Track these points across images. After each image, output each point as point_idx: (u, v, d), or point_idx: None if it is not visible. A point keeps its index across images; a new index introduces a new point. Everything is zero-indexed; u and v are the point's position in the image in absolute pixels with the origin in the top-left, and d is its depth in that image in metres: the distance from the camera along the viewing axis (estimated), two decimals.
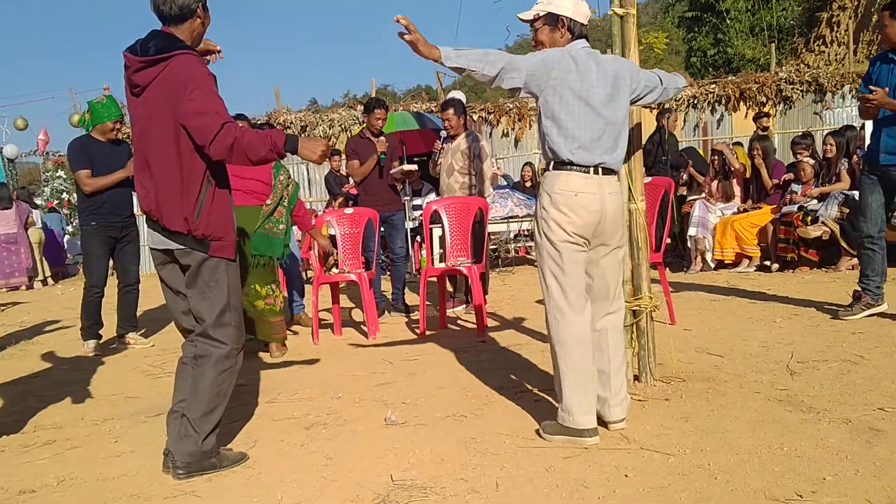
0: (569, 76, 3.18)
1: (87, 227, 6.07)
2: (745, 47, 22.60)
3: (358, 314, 7.28)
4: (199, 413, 3.09)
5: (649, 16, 39.51)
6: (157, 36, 3.04)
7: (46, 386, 5.15)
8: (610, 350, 3.38)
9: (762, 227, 8.14)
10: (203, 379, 3.11)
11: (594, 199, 3.21)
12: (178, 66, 2.97)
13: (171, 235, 3.07)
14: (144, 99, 3.05)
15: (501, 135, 14.78)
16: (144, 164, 3.10)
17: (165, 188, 3.04)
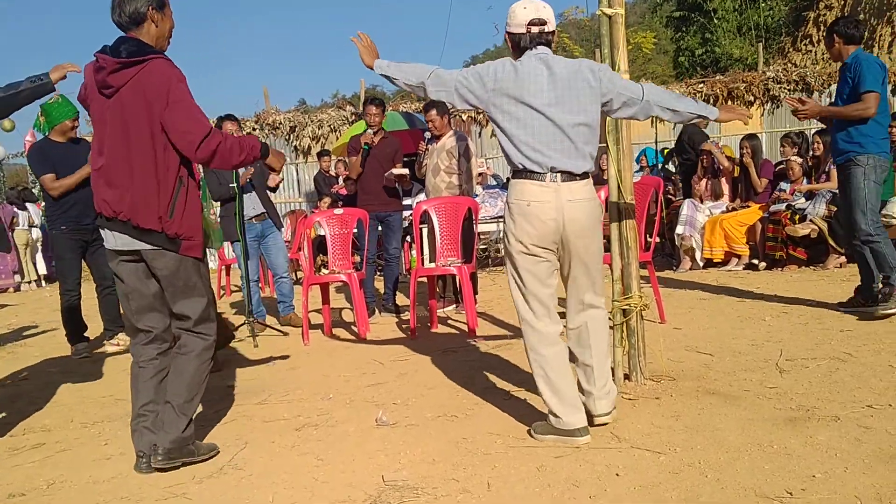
0: (507, 84, 3.18)
1: (56, 232, 6.02)
2: (732, 47, 22.69)
3: (348, 314, 7.27)
4: (183, 399, 3.20)
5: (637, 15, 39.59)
6: (126, 41, 3.13)
7: (35, 388, 5.13)
8: (591, 343, 3.37)
9: (751, 225, 8.18)
10: (188, 368, 3.23)
11: (548, 207, 3.16)
12: (154, 72, 3.08)
13: (142, 235, 3.12)
14: (117, 100, 3.09)
15: (490, 135, 14.79)
16: (116, 164, 3.11)
17: (141, 188, 3.09)
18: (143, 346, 3.29)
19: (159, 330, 3.30)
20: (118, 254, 3.21)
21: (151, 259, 3.17)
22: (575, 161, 3.20)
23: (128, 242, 3.15)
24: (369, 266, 6.97)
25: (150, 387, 3.25)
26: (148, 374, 3.27)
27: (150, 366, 3.28)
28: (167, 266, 3.18)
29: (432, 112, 6.83)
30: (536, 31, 3.22)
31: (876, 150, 5.17)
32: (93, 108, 3.20)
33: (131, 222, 3.11)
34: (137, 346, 3.30)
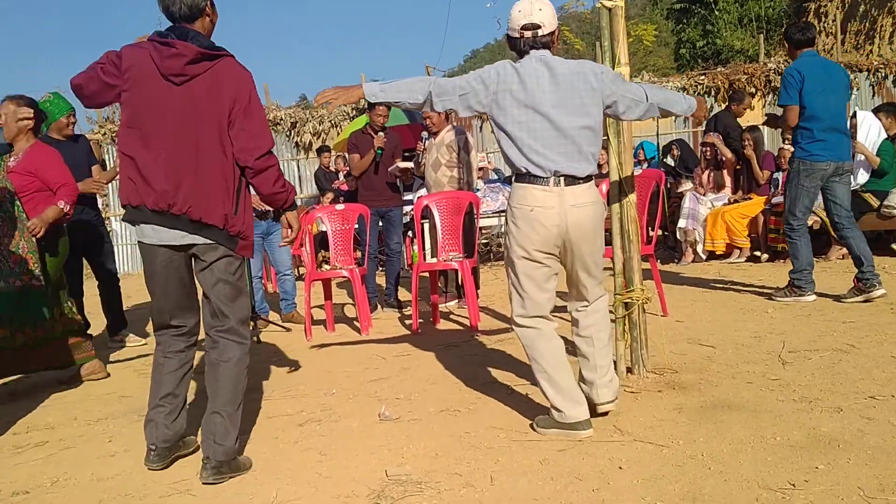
0: (510, 86, 3.17)
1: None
2: (733, 38, 22.64)
3: (351, 310, 7.28)
4: (234, 408, 3.12)
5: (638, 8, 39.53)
6: (191, 32, 3.03)
7: (39, 386, 5.13)
8: (592, 334, 3.40)
9: (752, 217, 8.17)
10: (232, 375, 3.14)
11: (551, 213, 3.15)
12: (232, 70, 3.05)
13: (199, 229, 3.04)
14: (188, 91, 3.00)
15: (491, 129, 14.78)
16: (176, 156, 3.00)
17: (208, 182, 3.02)
18: (173, 338, 3.22)
19: (191, 325, 3.25)
20: (159, 248, 3.09)
21: (203, 252, 3.10)
22: (578, 164, 3.18)
23: (176, 237, 3.06)
24: (371, 262, 6.97)
25: (172, 378, 3.19)
26: (173, 365, 3.20)
27: (177, 357, 3.21)
28: (220, 262, 3.12)
29: None
30: (530, 36, 3.20)
31: (801, 155, 5.60)
32: (141, 93, 3.01)
33: (188, 216, 3.01)
34: (166, 336, 3.22)
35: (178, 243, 3.07)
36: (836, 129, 5.58)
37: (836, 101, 5.61)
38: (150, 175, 3.01)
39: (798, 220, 5.73)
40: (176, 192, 3.00)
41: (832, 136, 5.54)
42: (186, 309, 3.22)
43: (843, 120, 5.73)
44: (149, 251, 3.12)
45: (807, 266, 5.73)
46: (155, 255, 3.11)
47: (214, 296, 3.14)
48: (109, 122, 14.61)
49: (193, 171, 3.01)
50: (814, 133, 5.53)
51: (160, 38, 3.00)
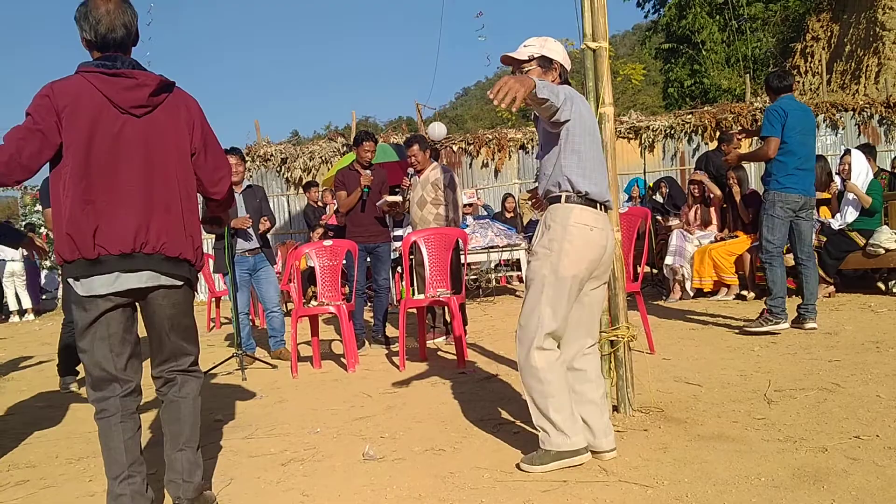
0: (582, 112, 3.28)
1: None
2: (720, 78, 22.95)
3: (338, 346, 7.24)
4: (196, 444, 3.05)
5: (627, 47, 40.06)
6: (134, 61, 2.87)
7: (21, 423, 5.07)
8: (596, 377, 3.44)
9: (740, 255, 8.21)
10: (192, 410, 3.06)
11: (604, 234, 3.30)
12: (186, 99, 2.98)
13: (171, 268, 2.88)
14: (150, 122, 2.84)
15: (481, 165, 14.87)
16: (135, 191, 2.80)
17: (177, 215, 2.91)
18: (123, 399, 2.87)
19: (138, 381, 2.94)
20: (114, 296, 2.80)
21: (162, 298, 2.90)
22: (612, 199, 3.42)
23: (143, 279, 2.83)
24: (359, 298, 6.96)
25: (135, 444, 2.88)
26: (131, 427, 2.87)
27: (132, 420, 2.89)
28: (179, 302, 2.96)
29: (414, 147, 6.93)
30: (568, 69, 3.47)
31: (775, 187, 5.97)
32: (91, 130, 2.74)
33: (163, 254, 2.84)
34: (115, 398, 2.85)
35: (145, 286, 2.85)
36: (808, 167, 6.03)
37: (810, 141, 6.07)
38: (116, 214, 2.77)
39: (774, 247, 6.03)
40: (148, 228, 2.82)
41: (803, 173, 5.97)
42: (134, 358, 2.93)
43: (813, 160, 6.15)
44: (97, 304, 2.80)
45: (782, 294, 6.00)
46: (101, 304, 2.80)
47: (175, 336, 2.99)
48: None
49: (164, 205, 2.86)
50: (788, 167, 5.93)
51: (105, 70, 2.77)
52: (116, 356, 2.86)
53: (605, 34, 3.88)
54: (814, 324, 6.05)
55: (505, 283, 11.85)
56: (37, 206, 16.67)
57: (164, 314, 2.94)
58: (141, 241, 2.80)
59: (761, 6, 23.62)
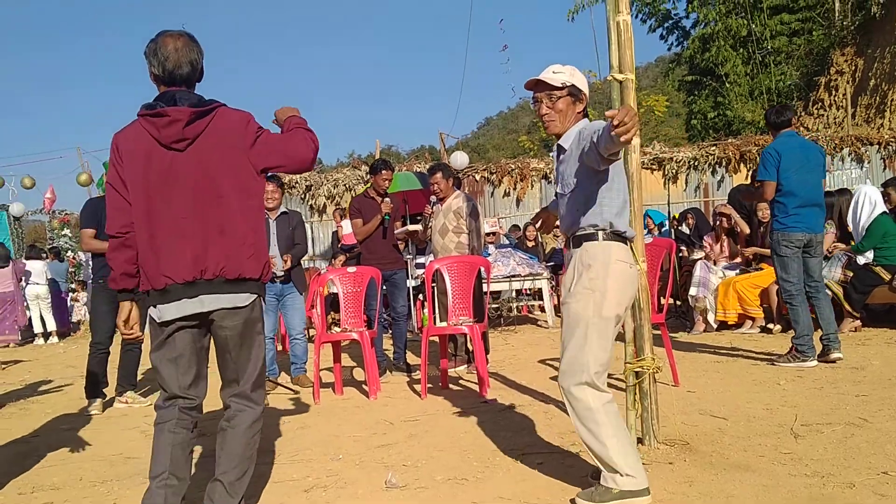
0: None
1: (95, 284, 6.08)
2: (744, 110, 22.90)
3: (359, 373, 7.25)
4: (234, 477, 2.97)
5: (650, 79, 40.15)
6: (175, 94, 2.95)
7: (46, 446, 5.11)
8: None
9: (765, 288, 8.15)
10: (238, 441, 3.01)
11: (636, 270, 3.30)
12: (227, 117, 2.99)
13: (234, 287, 2.95)
14: (195, 152, 2.92)
15: (503, 194, 14.92)
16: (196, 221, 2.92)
17: (236, 237, 2.95)
18: (182, 411, 3.00)
19: (201, 399, 3.06)
20: (180, 320, 2.93)
21: (222, 319, 2.96)
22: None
23: (207, 303, 2.92)
24: (380, 325, 6.96)
25: (181, 455, 2.97)
26: (181, 439, 2.97)
27: (184, 432, 2.99)
28: (240, 324, 2.98)
29: (438, 175, 6.97)
30: None
31: (778, 227, 6.10)
32: (143, 170, 2.92)
33: (224, 277, 2.92)
34: (173, 408, 2.99)
35: (206, 309, 2.94)
36: (811, 204, 6.05)
37: (813, 178, 6.07)
38: (175, 246, 2.91)
39: (792, 285, 6.09)
40: (205, 256, 2.91)
41: (805, 211, 6.01)
42: (199, 378, 3.05)
43: (818, 195, 6.17)
44: (166, 328, 2.96)
45: (807, 332, 6.04)
46: (172, 330, 2.95)
47: (236, 356, 3.03)
48: None
49: (219, 230, 2.93)
50: (788, 208, 6.03)
51: (149, 111, 2.92)
52: (182, 375, 2.99)
53: (632, 66, 3.90)
54: (839, 353, 6.03)
55: (527, 312, 11.82)
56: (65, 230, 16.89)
57: (226, 335, 3.00)
58: (200, 268, 2.91)
59: (785, 39, 23.61)
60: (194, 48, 3.02)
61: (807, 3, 23.37)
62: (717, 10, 23.87)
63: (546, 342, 8.68)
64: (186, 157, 2.93)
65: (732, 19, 23.59)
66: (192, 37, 3.05)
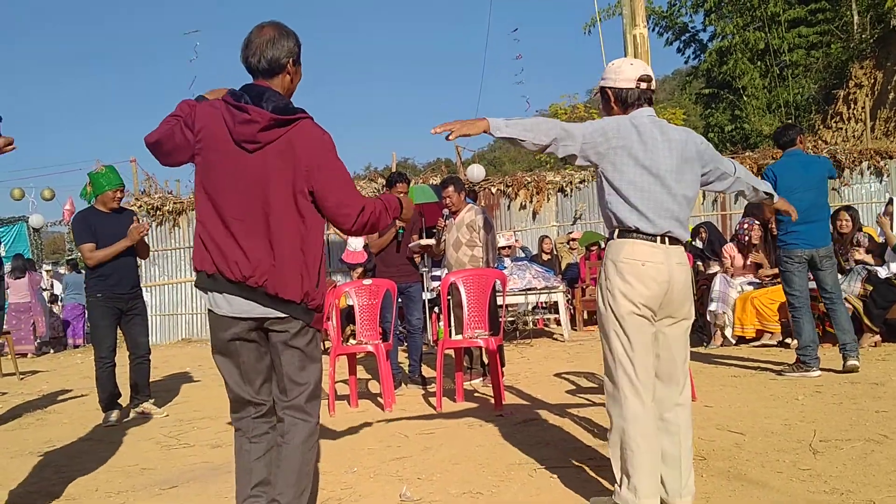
0: (631, 145, 3.12)
1: (92, 299, 6.12)
2: (762, 124, 22.79)
3: (374, 386, 7.24)
4: (293, 496, 2.85)
5: (666, 92, 40.02)
6: (269, 92, 2.85)
7: (62, 456, 5.14)
8: (681, 433, 3.20)
9: (783, 302, 8.07)
10: (294, 457, 2.88)
11: (662, 269, 3.09)
12: (307, 134, 2.85)
13: (275, 303, 2.83)
14: (261, 158, 2.81)
15: (519, 207, 14.90)
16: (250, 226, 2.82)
17: (284, 255, 2.82)
18: (255, 420, 2.94)
19: (272, 403, 2.96)
20: (233, 321, 2.86)
21: (275, 324, 2.86)
22: (682, 230, 3.20)
23: (250, 309, 2.83)
24: (395, 338, 6.96)
25: (262, 465, 2.91)
26: (260, 449, 2.93)
27: (263, 440, 2.94)
28: (292, 332, 2.87)
29: (450, 188, 6.97)
30: (645, 87, 3.24)
31: (780, 244, 6.40)
32: (212, 159, 2.85)
33: (265, 289, 2.80)
34: (247, 419, 2.94)
35: (254, 316, 2.84)
36: (811, 220, 6.06)
37: (813, 195, 6.16)
38: (224, 244, 2.83)
39: (796, 298, 6.32)
40: (251, 263, 2.80)
41: (804, 228, 6.09)
42: (265, 381, 2.96)
43: (819, 211, 6.27)
44: (221, 323, 2.88)
45: (810, 343, 6.23)
46: (228, 326, 2.87)
47: (284, 365, 2.90)
48: (146, 195, 14.96)
49: (268, 242, 2.82)
50: (787, 226, 6.25)
51: (234, 100, 2.83)
52: (249, 382, 2.93)
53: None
54: (856, 361, 6.14)
55: (542, 325, 11.78)
56: None
57: (275, 340, 2.89)
58: (244, 273, 2.80)
59: (803, 52, 23.51)
60: (280, 44, 2.88)
61: (825, 17, 23.26)
62: (734, 23, 23.80)
63: (562, 356, 8.64)
64: (252, 160, 2.82)
65: (750, 32, 23.52)
66: (285, 31, 2.92)
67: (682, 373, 3.26)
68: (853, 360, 6.13)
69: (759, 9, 23.15)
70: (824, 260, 6.27)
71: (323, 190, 2.85)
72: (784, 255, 6.31)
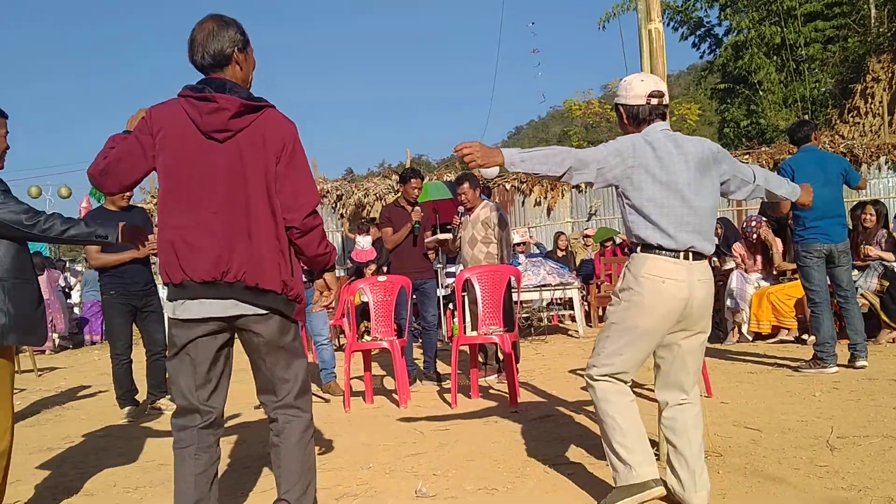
0: (647, 162, 3.12)
1: (107, 296, 6.17)
2: (778, 118, 22.63)
3: (389, 382, 7.26)
4: (300, 492, 2.86)
5: (682, 87, 39.86)
6: (226, 83, 2.79)
7: (80, 453, 5.18)
8: (689, 432, 3.22)
9: (799, 298, 8.02)
10: (293, 455, 2.88)
11: (682, 286, 3.09)
12: (275, 121, 2.82)
13: (256, 297, 2.76)
14: (233, 147, 2.75)
15: (534, 203, 14.88)
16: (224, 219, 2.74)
17: (263, 245, 2.76)
18: (201, 430, 2.82)
19: (219, 412, 2.88)
20: (200, 323, 2.77)
21: (252, 323, 2.80)
22: (705, 243, 3.19)
23: (227, 307, 2.75)
24: (410, 334, 6.96)
25: (205, 479, 2.81)
26: (203, 463, 2.82)
27: (206, 455, 2.83)
28: (273, 331, 2.82)
29: (465, 185, 6.97)
30: (656, 103, 3.23)
31: (797, 240, 6.37)
32: (179, 155, 2.75)
33: (244, 282, 2.73)
34: (192, 429, 2.82)
35: (228, 314, 2.77)
36: (828, 216, 6.19)
37: (830, 191, 6.19)
38: (199, 242, 2.73)
39: (815, 293, 6.31)
40: (230, 257, 2.73)
41: (822, 223, 6.18)
42: (217, 388, 2.88)
43: (836, 207, 6.35)
44: (186, 328, 2.78)
45: (828, 339, 6.24)
46: (193, 331, 2.78)
47: (269, 366, 2.87)
48: None
49: (246, 233, 2.75)
50: (805, 221, 6.25)
51: (195, 93, 2.76)
52: (200, 387, 2.82)
53: (664, 74, 3.89)
54: (864, 361, 6.23)
55: (557, 322, 11.76)
56: None
57: (256, 342, 2.84)
58: (222, 269, 2.72)
59: (819, 47, 23.31)
60: (221, 35, 2.82)
61: (842, 10, 23.06)
62: (750, 17, 23.65)
63: (577, 352, 8.63)
64: (224, 150, 2.75)
65: (766, 27, 23.35)
66: (224, 21, 2.85)
67: (692, 382, 3.30)
68: (862, 361, 6.22)
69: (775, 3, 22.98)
70: (842, 255, 6.28)
71: (284, 176, 2.80)
72: (802, 251, 6.31)
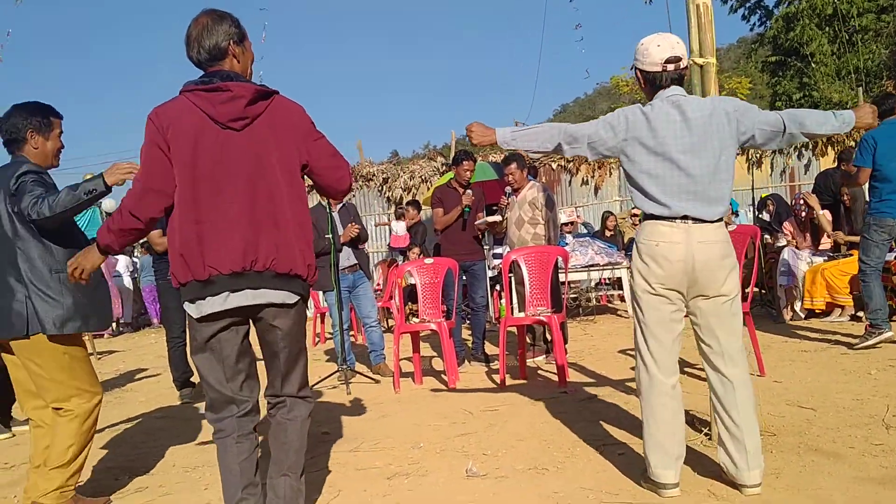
0: (640, 134, 3.16)
1: (162, 282, 6.29)
2: (831, 91, 22.10)
3: (438, 363, 7.31)
4: (301, 469, 2.95)
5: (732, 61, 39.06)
6: (231, 73, 2.81)
7: (139, 433, 5.33)
8: (739, 409, 3.14)
9: (854, 275, 7.85)
10: (299, 434, 2.96)
11: (677, 248, 3.11)
12: (287, 107, 2.86)
13: (283, 284, 2.79)
14: (251, 134, 2.76)
15: (581, 183, 14.75)
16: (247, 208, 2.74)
17: (288, 231, 2.79)
18: (239, 419, 2.86)
19: (255, 400, 2.92)
20: (222, 317, 2.78)
21: (273, 318, 2.83)
22: (707, 209, 3.14)
23: (256, 296, 2.76)
24: (458, 315, 6.99)
25: (250, 465, 2.86)
26: (247, 448, 2.86)
27: (248, 440, 2.88)
28: (290, 322, 2.87)
29: (512, 166, 6.93)
30: (672, 69, 3.19)
31: (871, 211, 6.26)
32: (194, 148, 2.71)
33: (273, 270, 2.75)
34: (230, 419, 2.85)
35: (255, 303, 2.77)
36: None
37: None
38: (224, 233, 2.72)
39: (869, 266, 6.24)
40: (257, 245, 2.73)
41: None
42: (249, 377, 2.92)
43: None
44: (209, 323, 2.78)
45: (881, 307, 6.18)
46: (214, 326, 2.79)
47: (283, 357, 2.91)
48: None
49: (273, 220, 2.76)
50: (882, 193, 6.12)
51: (203, 86, 2.75)
52: (231, 379, 2.84)
53: (713, 50, 3.82)
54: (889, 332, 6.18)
55: (606, 301, 11.69)
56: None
57: (276, 333, 2.87)
58: (251, 258, 2.73)
59: (873, 17, 22.65)
60: (216, 30, 2.81)
61: None
62: None
63: (626, 332, 8.57)
64: (242, 137, 2.74)
65: None
66: (218, 15, 2.84)
67: (729, 349, 3.21)
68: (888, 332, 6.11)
69: None
70: None
71: (318, 159, 2.90)
72: (874, 223, 6.16)
